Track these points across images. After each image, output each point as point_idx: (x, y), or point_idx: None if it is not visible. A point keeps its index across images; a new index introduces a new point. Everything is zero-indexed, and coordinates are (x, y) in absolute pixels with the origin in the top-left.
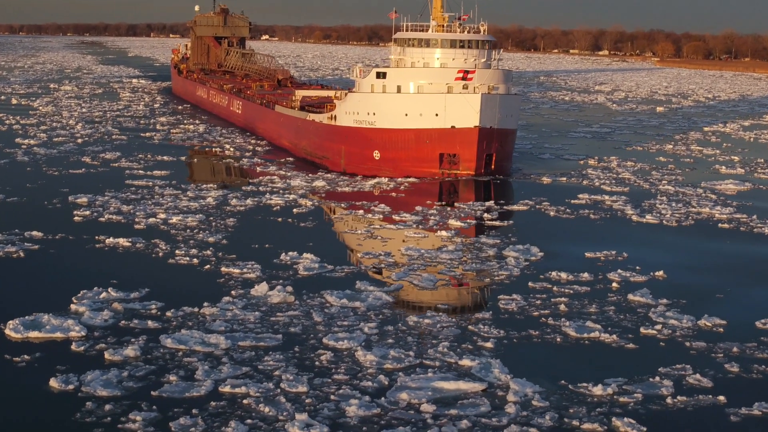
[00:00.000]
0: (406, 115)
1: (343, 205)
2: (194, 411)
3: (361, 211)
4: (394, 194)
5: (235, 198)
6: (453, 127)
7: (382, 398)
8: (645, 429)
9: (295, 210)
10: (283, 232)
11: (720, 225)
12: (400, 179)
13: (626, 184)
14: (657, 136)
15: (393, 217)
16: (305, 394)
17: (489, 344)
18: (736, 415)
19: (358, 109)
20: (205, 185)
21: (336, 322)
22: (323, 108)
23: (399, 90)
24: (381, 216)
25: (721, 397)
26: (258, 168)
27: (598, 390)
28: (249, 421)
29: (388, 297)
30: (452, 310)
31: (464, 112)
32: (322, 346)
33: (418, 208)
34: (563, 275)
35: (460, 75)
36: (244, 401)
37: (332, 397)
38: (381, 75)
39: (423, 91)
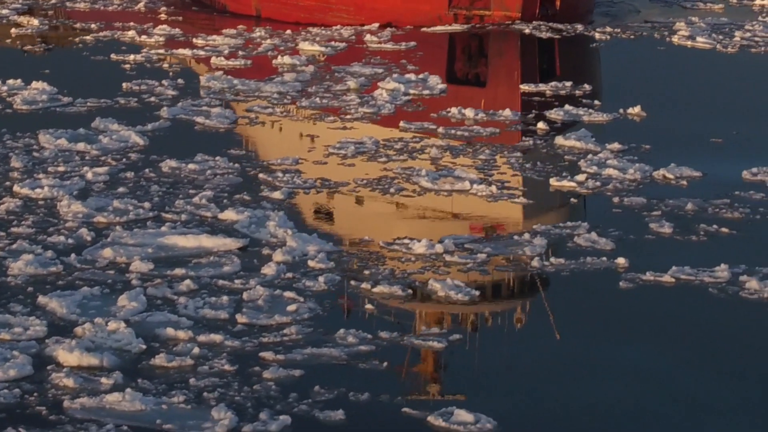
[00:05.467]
0: None
1: (94, 25)
2: None
3: (135, 37)
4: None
5: None
6: None
7: (72, 256)
8: (478, 294)
9: (13, 30)
10: None
11: None
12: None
13: None
14: None
15: (202, 42)
16: None
17: (277, 195)
18: (631, 281)
19: None
20: None
21: (46, 167)
22: None
23: None
24: (163, 39)
25: (621, 260)
26: None
27: (420, 248)
28: None
29: (140, 138)
30: (245, 157)
31: None
32: (9, 194)
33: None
34: (468, 113)
35: None
36: None
37: None
38: None
39: None
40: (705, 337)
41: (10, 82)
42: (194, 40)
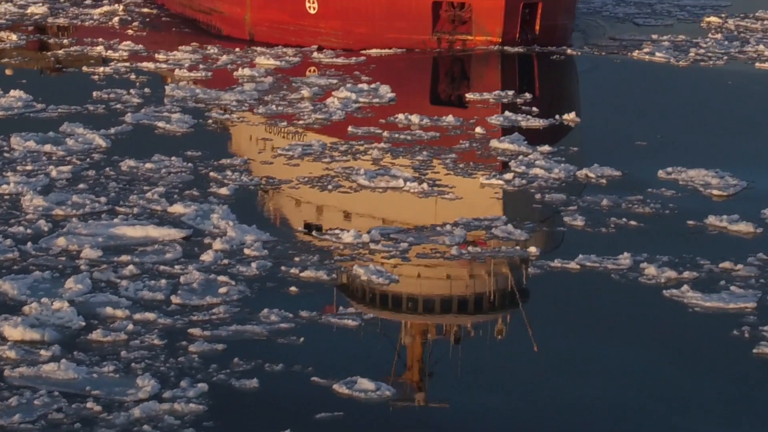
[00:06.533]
0: None
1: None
2: None
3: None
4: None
5: None
6: None
7: (29, 244)
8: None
9: None
10: None
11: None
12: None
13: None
14: None
15: (163, 56)
16: None
17: (224, 191)
18: (540, 267)
19: None
20: None
21: (14, 166)
22: None
23: None
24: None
25: (532, 249)
26: None
27: (348, 237)
28: None
29: (103, 140)
30: (199, 157)
31: None
32: None
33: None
34: (414, 119)
35: None
36: None
37: None
38: None
39: None
40: (609, 319)
41: None
42: (156, 55)
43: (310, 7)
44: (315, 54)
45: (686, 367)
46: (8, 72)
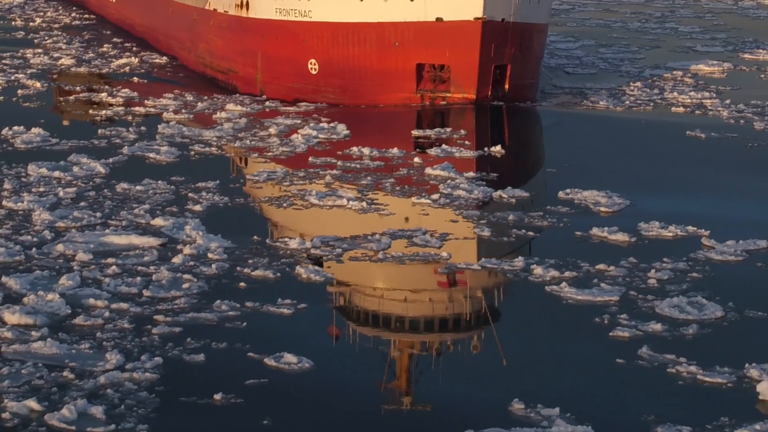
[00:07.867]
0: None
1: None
2: None
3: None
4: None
5: None
6: (439, 19)
7: (33, 249)
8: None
9: (20, 91)
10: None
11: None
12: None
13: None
14: None
15: (152, 102)
16: None
17: (198, 207)
18: (448, 268)
19: None
20: None
21: (29, 188)
22: None
23: None
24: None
25: (444, 253)
26: None
27: (293, 244)
28: None
29: (103, 168)
30: (180, 181)
31: None
32: None
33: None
34: (365, 151)
35: None
36: None
37: None
38: None
39: None
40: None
41: (15, 128)
42: (145, 101)
43: (311, 68)
44: (267, 102)
45: (555, 346)
46: (65, 122)
